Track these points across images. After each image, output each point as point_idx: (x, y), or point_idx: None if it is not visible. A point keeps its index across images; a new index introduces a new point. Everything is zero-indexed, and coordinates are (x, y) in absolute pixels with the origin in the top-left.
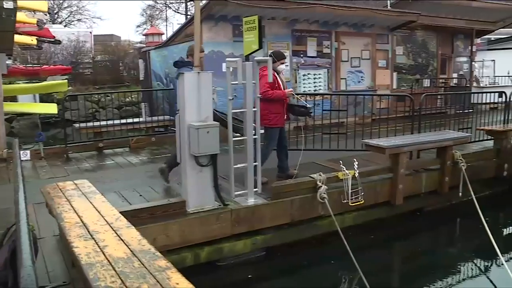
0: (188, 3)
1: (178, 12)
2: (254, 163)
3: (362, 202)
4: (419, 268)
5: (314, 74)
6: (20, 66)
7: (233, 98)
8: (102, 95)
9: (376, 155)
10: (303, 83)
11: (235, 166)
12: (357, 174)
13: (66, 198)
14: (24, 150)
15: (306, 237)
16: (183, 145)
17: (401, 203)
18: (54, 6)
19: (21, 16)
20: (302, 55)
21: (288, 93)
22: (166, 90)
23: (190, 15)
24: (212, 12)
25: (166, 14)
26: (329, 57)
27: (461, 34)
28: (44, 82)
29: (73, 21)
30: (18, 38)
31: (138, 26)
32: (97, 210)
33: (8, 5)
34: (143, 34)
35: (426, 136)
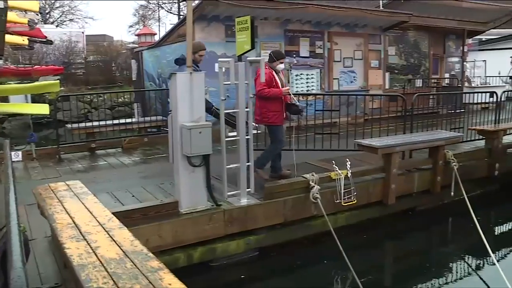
0: (180, 4)
1: (170, 12)
2: (247, 163)
3: (354, 202)
4: (412, 267)
5: (307, 74)
6: (11, 67)
7: (225, 99)
8: (94, 96)
9: (368, 155)
10: (296, 83)
11: (228, 166)
12: (349, 174)
13: (58, 199)
14: (15, 151)
15: (299, 237)
16: (176, 145)
17: (393, 203)
18: (46, 6)
19: (12, 16)
20: (294, 55)
21: (284, 91)
22: (158, 90)
23: (182, 15)
24: (204, 12)
25: (158, 14)
26: (321, 57)
27: (452, 34)
28: (36, 83)
29: (65, 21)
30: (9, 38)
31: (131, 26)
32: (89, 211)
33: None
34: (136, 34)
35: (418, 136)
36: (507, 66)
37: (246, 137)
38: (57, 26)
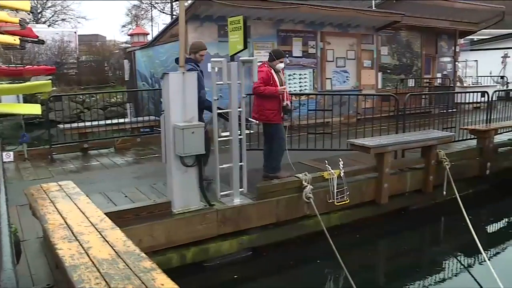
0: (173, 3)
1: (163, 12)
2: (240, 163)
3: (347, 202)
4: (404, 266)
5: (300, 74)
6: (2, 66)
7: (218, 98)
8: (87, 96)
9: (361, 155)
10: (289, 83)
11: (221, 166)
12: (342, 174)
13: (50, 200)
14: (7, 152)
15: (292, 236)
16: (168, 145)
17: (386, 202)
18: (38, 5)
19: (3, 15)
20: (287, 55)
21: (280, 90)
22: (151, 90)
23: (175, 15)
24: (197, 12)
25: (151, 14)
26: (314, 57)
27: (444, 34)
28: (27, 83)
29: (57, 21)
30: (0, 38)
31: (124, 26)
32: (81, 211)
33: None
34: (128, 34)
35: (410, 135)
36: (498, 66)
37: (239, 136)
38: (49, 26)
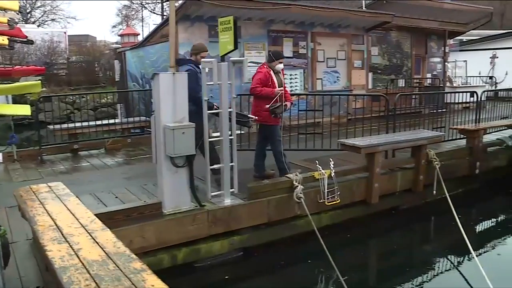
0: (164, 4)
1: (154, 12)
2: (231, 163)
3: (338, 201)
4: (395, 265)
5: (290, 75)
6: None
7: (208, 99)
8: (77, 96)
9: (352, 155)
10: None
11: (212, 167)
12: (333, 174)
13: (40, 201)
14: None
15: (283, 237)
16: (159, 146)
17: (376, 202)
18: (27, 5)
19: None
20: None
21: (276, 91)
22: (142, 91)
23: (166, 16)
24: (187, 12)
25: (142, 15)
26: (305, 57)
27: (434, 35)
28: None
29: (46, 21)
30: None
31: (114, 27)
32: (71, 212)
33: None
34: (119, 35)
35: (401, 135)
36: (487, 66)
37: (230, 137)
38: (38, 26)
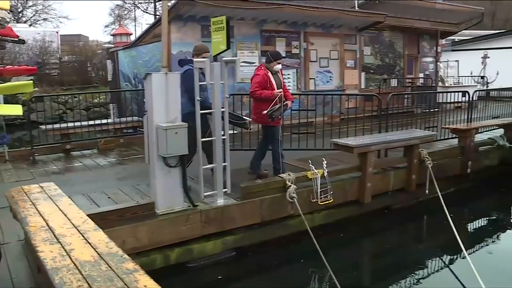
0: (156, 3)
1: (146, 12)
2: (223, 163)
3: (331, 201)
4: (388, 264)
5: (283, 74)
6: None
7: (201, 99)
8: (69, 96)
9: (344, 154)
10: None
11: (204, 167)
12: (326, 173)
13: (31, 202)
14: None
15: (276, 236)
16: (152, 146)
17: (369, 201)
18: (18, 4)
19: None
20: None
21: (276, 93)
22: (134, 90)
23: (159, 15)
24: (180, 12)
25: (134, 14)
26: (297, 57)
27: (426, 35)
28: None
29: (38, 20)
30: None
31: (106, 26)
32: (63, 213)
33: None
34: (111, 34)
35: (393, 135)
36: (479, 66)
37: (222, 137)
38: (30, 25)
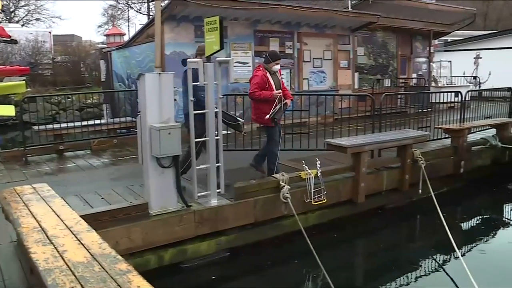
0: (150, 3)
1: (140, 12)
2: (217, 164)
3: (324, 201)
4: (381, 264)
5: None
6: None
7: (194, 99)
8: (62, 97)
9: (338, 154)
10: None
11: (198, 167)
12: (319, 174)
13: (24, 203)
14: None
15: (270, 237)
16: (145, 146)
17: (363, 201)
18: (10, 4)
19: None
20: (264, 56)
21: (275, 94)
22: (128, 91)
23: (152, 16)
24: (173, 12)
25: (128, 14)
26: (291, 57)
27: (419, 35)
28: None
29: (31, 20)
30: None
31: (100, 26)
32: (56, 214)
33: None
34: (105, 35)
35: (386, 135)
36: (471, 67)
37: (216, 137)
38: (22, 25)
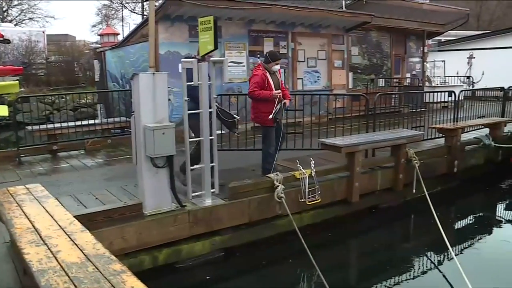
0: (144, 3)
1: (134, 12)
2: (211, 164)
3: (319, 201)
4: (375, 264)
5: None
6: None
7: (189, 99)
8: (56, 97)
9: (332, 154)
10: None
11: (192, 167)
12: (313, 173)
13: (17, 203)
14: None
15: (264, 236)
16: (139, 146)
17: (357, 201)
18: (3, 3)
19: None
20: (259, 56)
21: (274, 94)
22: (122, 91)
23: (146, 15)
24: (168, 12)
25: (122, 14)
26: (285, 57)
27: (413, 35)
28: None
29: (24, 19)
30: None
31: (94, 26)
32: (50, 214)
33: None
34: (99, 34)
35: (381, 134)
36: (465, 66)
37: (210, 137)
38: (15, 25)
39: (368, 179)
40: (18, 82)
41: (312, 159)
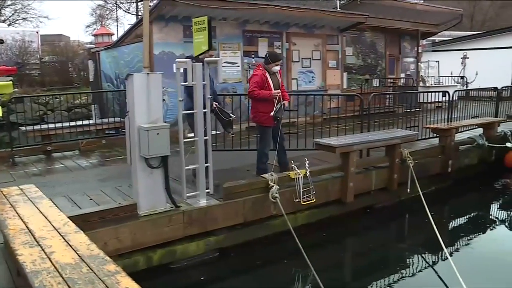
0: (138, 3)
1: (128, 12)
2: (206, 164)
3: (313, 201)
4: (370, 263)
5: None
6: None
7: (183, 99)
8: (50, 97)
9: (327, 154)
10: None
11: (187, 167)
12: (308, 173)
13: (11, 204)
14: None
15: (259, 237)
16: (133, 147)
17: (352, 201)
18: None
19: None
20: (253, 56)
21: (274, 94)
22: (116, 91)
23: (141, 15)
24: (162, 12)
25: (116, 14)
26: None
27: (407, 35)
28: None
29: (17, 20)
30: None
31: (88, 26)
32: (44, 215)
33: None
34: (93, 35)
35: (375, 134)
36: (459, 67)
37: (205, 138)
38: (9, 25)
39: (362, 179)
40: (11, 82)
41: (306, 159)
